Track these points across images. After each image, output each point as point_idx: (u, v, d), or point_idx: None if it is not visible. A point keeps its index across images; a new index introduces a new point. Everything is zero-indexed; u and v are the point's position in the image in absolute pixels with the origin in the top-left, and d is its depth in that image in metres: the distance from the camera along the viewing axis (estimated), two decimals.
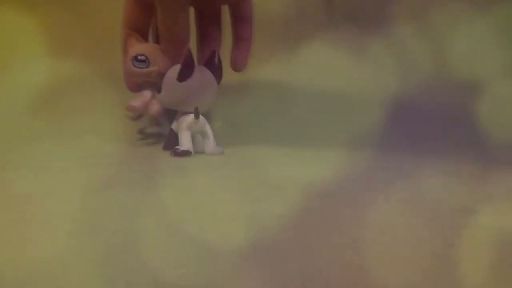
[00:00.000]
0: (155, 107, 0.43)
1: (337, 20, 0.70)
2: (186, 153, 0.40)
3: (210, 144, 0.42)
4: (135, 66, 0.42)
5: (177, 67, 0.41)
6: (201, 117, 0.41)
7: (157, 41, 0.44)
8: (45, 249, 0.17)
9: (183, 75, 0.40)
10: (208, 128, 0.42)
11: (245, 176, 0.32)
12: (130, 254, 0.17)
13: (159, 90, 0.42)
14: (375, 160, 0.44)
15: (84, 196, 0.24)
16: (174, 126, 0.43)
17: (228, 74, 0.65)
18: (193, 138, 0.41)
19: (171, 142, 0.43)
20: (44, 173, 0.31)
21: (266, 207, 0.23)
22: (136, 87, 0.44)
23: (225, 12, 0.46)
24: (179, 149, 0.40)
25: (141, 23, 0.44)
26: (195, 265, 0.16)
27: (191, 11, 0.45)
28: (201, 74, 0.41)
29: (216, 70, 0.42)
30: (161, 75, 0.42)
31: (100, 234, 0.18)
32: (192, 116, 0.41)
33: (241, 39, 0.44)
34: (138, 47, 0.43)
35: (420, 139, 0.58)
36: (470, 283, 0.16)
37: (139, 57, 0.42)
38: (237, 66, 0.44)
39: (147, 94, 0.43)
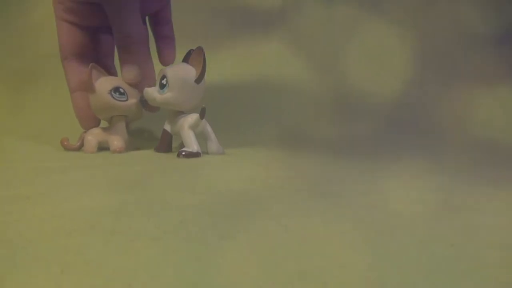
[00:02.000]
0: (118, 143, 0.41)
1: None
2: (196, 155, 0.38)
3: (213, 144, 0.41)
4: (115, 99, 0.40)
5: (185, 68, 0.40)
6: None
7: None
8: (45, 249, 0.17)
9: (202, 76, 0.40)
10: (209, 128, 0.41)
11: (245, 176, 0.32)
12: (130, 254, 0.17)
13: (126, 124, 0.42)
14: (373, 160, 0.44)
15: (84, 196, 0.24)
16: (167, 127, 0.42)
17: (223, 73, 0.65)
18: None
19: (164, 144, 0.42)
20: (44, 173, 0.31)
21: (266, 207, 0.23)
22: (94, 123, 0.43)
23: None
24: (187, 151, 0.38)
25: (83, 48, 0.43)
26: (195, 266, 0.16)
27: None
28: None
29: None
30: (137, 105, 0.41)
31: (100, 234, 0.18)
32: (195, 116, 0.40)
33: (166, 37, 0.46)
34: (113, 80, 0.41)
35: (419, 139, 0.58)
36: (470, 283, 0.16)
37: (121, 90, 0.40)
38: (167, 60, 0.45)
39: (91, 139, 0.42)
